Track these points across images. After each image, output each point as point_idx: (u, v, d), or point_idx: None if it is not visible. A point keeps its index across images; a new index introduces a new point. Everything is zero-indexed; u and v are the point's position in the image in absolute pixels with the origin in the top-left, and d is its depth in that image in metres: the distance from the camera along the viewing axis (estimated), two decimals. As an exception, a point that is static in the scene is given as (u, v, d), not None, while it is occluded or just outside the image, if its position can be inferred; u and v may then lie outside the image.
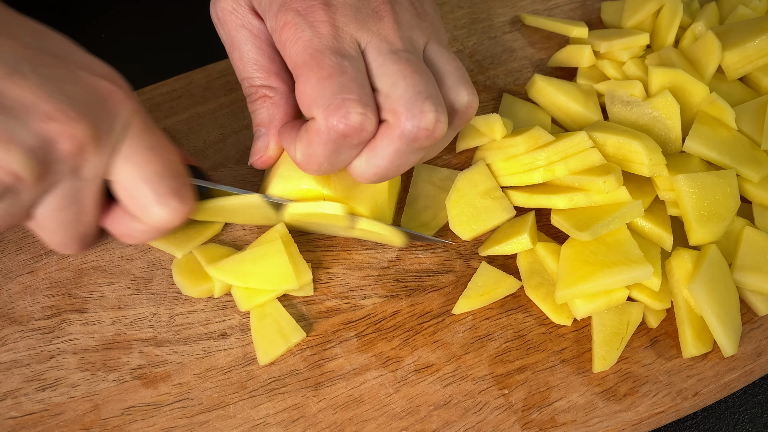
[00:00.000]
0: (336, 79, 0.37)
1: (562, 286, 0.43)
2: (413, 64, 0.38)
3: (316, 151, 0.38)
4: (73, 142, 0.34)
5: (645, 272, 0.42)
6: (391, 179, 0.44)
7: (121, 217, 0.40)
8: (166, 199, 0.38)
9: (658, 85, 0.51)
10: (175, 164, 0.39)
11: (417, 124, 0.37)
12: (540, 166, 0.46)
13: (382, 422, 0.41)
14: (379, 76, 0.38)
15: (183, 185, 0.39)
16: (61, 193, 0.36)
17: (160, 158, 0.38)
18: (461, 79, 0.40)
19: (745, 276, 0.45)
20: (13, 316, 0.43)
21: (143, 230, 0.40)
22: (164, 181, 0.38)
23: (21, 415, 0.40)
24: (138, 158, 0.37)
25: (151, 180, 0.37)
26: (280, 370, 0.43)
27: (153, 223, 0.38)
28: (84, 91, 0.35)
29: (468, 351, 0.44)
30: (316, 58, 0.37)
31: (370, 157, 0.39)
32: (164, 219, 0.38)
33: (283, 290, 0.44)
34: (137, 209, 0.38)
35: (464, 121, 0.40)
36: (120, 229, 0.40)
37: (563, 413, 0.42)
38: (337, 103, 0.36)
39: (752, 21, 0.54)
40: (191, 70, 0.55)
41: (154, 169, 0.37)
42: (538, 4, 0.61)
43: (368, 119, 0.37)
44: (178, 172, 0.39)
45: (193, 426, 0.40)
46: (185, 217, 0.39)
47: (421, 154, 0.39)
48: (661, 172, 0.46)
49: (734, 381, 0.44)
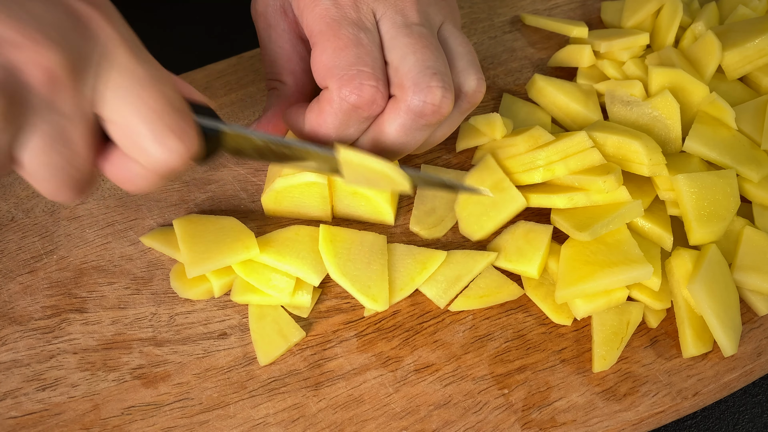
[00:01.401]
0: (352, 50, 0.37)
1: (562, 286, 0.43)
2: (425, 39, 0.38)
3: (326, 121, 0.38)
4: (43, 72, 0.30)
5: (645, 272, 0.42)
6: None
7: (118, 160, 0.35)
8: (163, 138, 0.33)
9: (658, 85, 0.51)
10: (174, 99, 0.34)
11: (423, 99, 0.37)
12: (540, 165, 0.46)
13: (382, 422, 0.41)
14: (391, 49, 0.38)
15: (183, 123, 0.34)
16: (44, 132, 0.32)
17: (156, 92, 0.33)
18: (472, 63, 0.40)
19: (745, 276, 0.44)
20: (13, 316, 0.43)
21: (142, 174, 0.35)
22: (161, 117, 0.33)
23: (21, 415, 0.40)
24: (129, 92, 0.33)
25: (146, 117, 0.33)
26: (280, 369, 0.43)
27: (151, 165, 0.34)
28: (58, 13, 0.31)
29: (468, 351, 0.44)
30: (333, 28, 0.38)
31: (377, 132, 0.39)
32: (163, 160, 0.34)
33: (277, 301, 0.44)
34: (133, 150, 0.34)
35: (471, 105, 0.41)
36: (118, 173, 0.36)
37: (563, 413, 0.42)
38: (351, 74, 0.37)
39: (752, 21, 0.54)
40: (191, 70, 0.55)
41: (149, 104, 0.33)
42: (538, 4, 0.61)
43: (380, 93, 0.37)
44: (177, 108, 0.34)
45: (193, 426, 0.40)
46: (188, 159, 0.35)
47: (426, 132, 0.39)
48: (661, 172, 0.46)
49: (734, 381, 0.44)
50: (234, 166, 0.50)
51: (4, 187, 0.48)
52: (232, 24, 0.69)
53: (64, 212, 0.47)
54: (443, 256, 0.45)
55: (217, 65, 0.55)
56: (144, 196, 0.48)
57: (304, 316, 0.44)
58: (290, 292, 0.43)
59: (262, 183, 0.49)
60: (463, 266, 0.45)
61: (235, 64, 0.55)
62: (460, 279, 0.45)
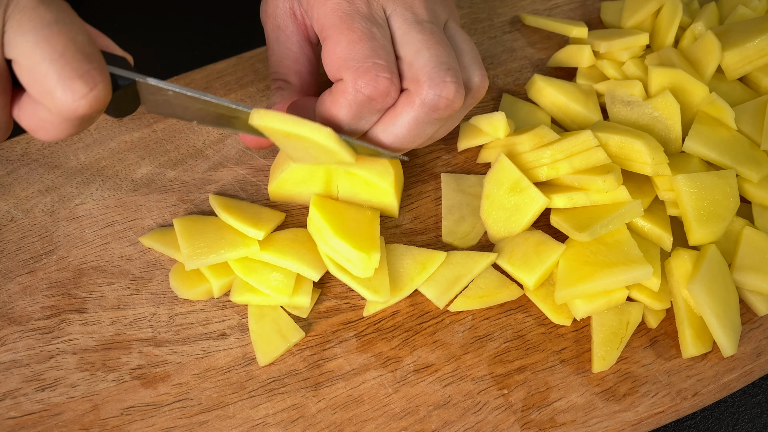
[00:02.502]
0: (366, 43, 0.38)
1: (562, 286, 0.43)
2: (437, 35, 0.40)
3: (339, 112, 0.39)
4: None
5: (645, 272, 0.42)
6: (395, 174, 0.45)
7: (29, 106, 0.35)
8: (70, 82, 0.33)
9: (657, 85, 0.51)
10: (83, 44, 0.34)
11: (438, 93, 0.38)
12: (544, 164, 0.46)
13: (381, 422, 0.41)
14: (404, 44, 0.39)
15: (92, 68, 0.34)
16: None
17: (63, 36, 0.33)
18: (476, 59, 0.42)
19: (744, 276, 0.44)
20: (12, 316, 0.43)
21: (52, 120, 0.35)
22: (68, 61, 0.33)
23: (20, 415, 0.40)
24: (35, 34, 0.33)
25: (52, 59, 0.33)
26: (279, 370, 0.42)
27: (59, 110, 0.34)
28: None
29: (467, 351, 0.44)
30: (347, 22, 0.38)
31: (388, 125, 0.40)
32: (70, 105, 0.33)
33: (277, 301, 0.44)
34: (41, 94, 0.34)
35: (475, 100, 0.42)
36: (29, 120, 0.36)
37: (563, 413, 0.42)
38: (367, 66, 0.37)
39: (752, 21, 0.54)
40: (191, 70, 0.55)
41: (55, 47, 0.33)
42: (538, 4, 0.61)
43: (394, 86, 0.38)
44: (86, 53, 0.34)
45: (192, 426, 0.40)
46: (96, 105, 0.34)
47: (436, 126, 0.40)
48: (663, 171, 0.46)
49: (734, 381, 0.44)
50: (234, 166, 0.50)
51: (3, 188, 0.48)
52: (232, 24, 0.69)
53: (64, 212, 0.47)
54: (443, 256, 0.45)
55: (217, 65, 0.55)
56: (144, 197, 0.48)
57: (303, 316, 0.44)
58: (290, 292, 0.43)
59: (261, 183, 0.49)
60: (462, 267, 0.45)
61: (235, 64, 0.55)
62: (459, 279, 0.45)
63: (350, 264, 0.43)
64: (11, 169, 0.49)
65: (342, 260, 0.43)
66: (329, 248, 0.43)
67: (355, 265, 0.42)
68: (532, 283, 0.44)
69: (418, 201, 0.49)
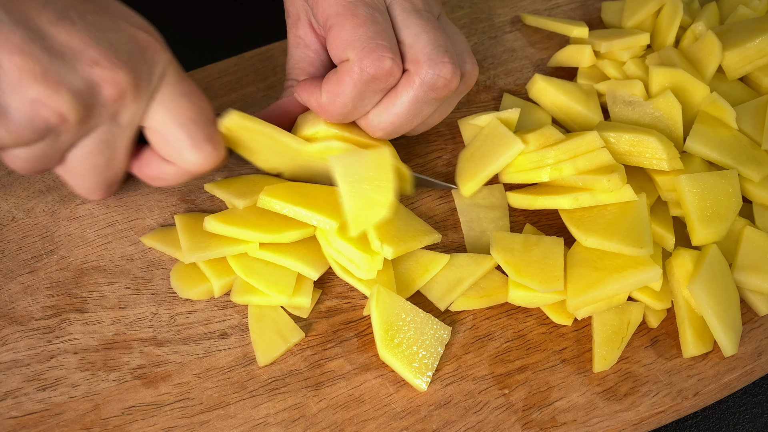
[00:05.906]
0: (370, 26, 0.40)
1: (574, 294, 0.43)
2: (434, 22, 0.42)
3: (344, 91, 0.41)
4: (115, 88, 0.36)
5: (654, 274, 0.42)
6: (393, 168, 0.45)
7: (152, 161, 0.42)
8: (200, 144, 0.40)
9: (658, 85, 0.51)
10: (208, 111, 0.41)
11: (437, 73, 0.40)
12: (548, 164, 0.46)
13: (382, 422, 0.41)
14: (404, 29, 0.42)
15: (216, 132, 0.41)
16: (98, 137, 0.38)
17: (195, 105, 0.40)
18: (468, 49, 0.45)
19: (745, 276, 0.44)
20: (13, 316, 0.43)
21: (174, 173, 0.42)
22: (199, 127, 0.40)
23: (21, 415, 0.40)
24: (174, 105, 0.39)
25: (186, 126, 0.39)
26: (280, 369, 0.43)
27: (186, 166, 0.41)
28: (125, 39, 0.37)
29: (468, 351, 0.44)
30: (350, 9, 0.41)
31: (388, 105, 0.42)
32: (198, 163, 0.40)
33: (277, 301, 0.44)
34: (171, 154, 0.40)
35: (467, 87, 0.45)
36: (150, 171, 0.42)
37: (563, 413, 0.42)
38: (372, 46, 0.40)
39: (752, 21, 0.54)
40: (191, 70, 0.55)
41: (189, 115, 0.39)
42: (539, 4, 0.61)
43: (396, 65, 0.40)
44: (211, 120, 0.41)
45: (193, 426, 0.40)
46: (217, 163, 0.41)
47: (433, 106, 0.43)
48: (678, 166, 0.46)
49: (734, 381, 0.44)
50: (233, 166, 0.50)
51: (4, 187, 0.48)
52: (232, 24, 0.69)
53: (65, 212, 0.47)
54: (446, 259, 0.45)
55: (217, 65, 0.55)
56: (144, 197, 0.48)
57: (303, 316, 0.44)
58: (290, 291, 0.43)
59: (262, 183, 0.49)
60: (465, 269, 0.45)
61: (235, 64, 0.55)
62: (461, 282, 0.45)
63: (353, 265, 0.43)
64: (12, 168, 0.49)
65: (345, 262, 0.43)
66: (333, 249, 0.43)
67: (358, 267, 0.42)
68: (520, 294, 0.44)
69: (419, 201, 0.49)
